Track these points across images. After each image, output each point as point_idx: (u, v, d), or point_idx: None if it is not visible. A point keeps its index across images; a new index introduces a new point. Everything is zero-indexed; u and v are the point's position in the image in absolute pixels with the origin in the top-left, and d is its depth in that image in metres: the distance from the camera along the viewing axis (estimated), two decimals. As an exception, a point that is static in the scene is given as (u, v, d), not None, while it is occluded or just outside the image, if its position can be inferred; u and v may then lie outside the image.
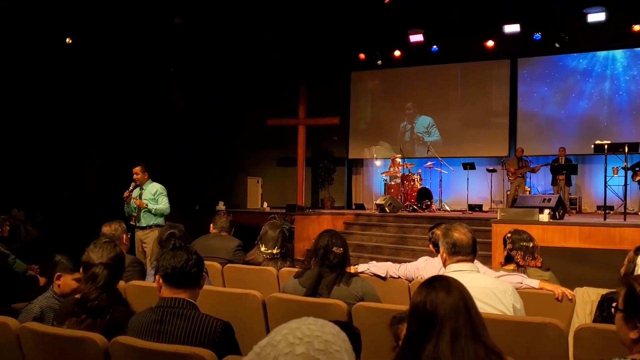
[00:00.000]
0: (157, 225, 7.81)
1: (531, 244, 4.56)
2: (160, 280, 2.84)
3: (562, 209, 9.67)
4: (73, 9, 11.46)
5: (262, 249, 5.04)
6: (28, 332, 3.00)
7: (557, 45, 13.50)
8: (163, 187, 8.10)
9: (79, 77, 13.07)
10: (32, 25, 11.36)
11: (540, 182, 14.48)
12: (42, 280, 5.40)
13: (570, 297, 3.89)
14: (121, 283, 3.88)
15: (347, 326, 2.23)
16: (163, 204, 7.99)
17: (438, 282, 2.05)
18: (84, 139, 13.53)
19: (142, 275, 4.73)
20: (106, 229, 4.88)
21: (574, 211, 13.05)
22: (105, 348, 2.72)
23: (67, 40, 12.17)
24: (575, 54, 14.41)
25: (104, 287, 3.05)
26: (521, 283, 3.97)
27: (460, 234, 3.33)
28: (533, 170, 13.67)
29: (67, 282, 3.66)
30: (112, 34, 12.26)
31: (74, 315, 2.97)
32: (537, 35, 13.35)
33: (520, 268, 4.49)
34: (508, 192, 13.84)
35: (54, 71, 12.51)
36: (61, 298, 3.58)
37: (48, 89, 12.56)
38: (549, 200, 9.53)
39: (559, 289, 3.94)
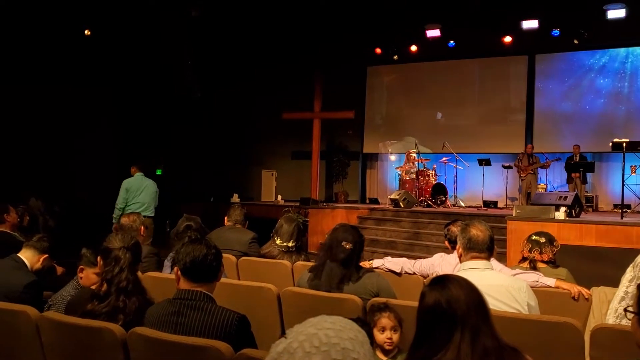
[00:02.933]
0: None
1: (542, 240, 4.55)
2: (179, 272, 2.85)
3: (578, 207, 9.61)
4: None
5: (278, 242, 5.06)
6: (47, 321, 3.03)
7: (575, 41, 13.33)
8: (123, 183, 8.75)
9: (96, 70, 13.16)
10: (51, 18, 11.45)
11: (556, 179, 14.36)
12: (59, 270, 5.44)
13: (586, 297, 3.85)
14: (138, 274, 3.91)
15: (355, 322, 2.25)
16: None
17: (448, 281, 2.01)
18: (102, 133, 13.64)
19: (159, 267, 4.77)
20: (125, 220, 4.95)
21: (590, 209, 12.93)
22: (122, 338, 2.75)
23: (86, 32, 12.26)
24: (594, 51, 14.25)
25: (129, 269, 3.07)
26: (537, 281, 3.94)
27: (478, 231, 3.31)
28: (544, 166, 13.55)
29: (88, 275, 3.69)
30: (129, 27, 12.32)
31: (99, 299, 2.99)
32: (556, 32, 13.18)
33: (531, 263, 4.49)
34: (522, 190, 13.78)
35: (69, 61, 12.59)
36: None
37: (65, 81, 12.65)
38: (566, 197, 9.46)
39: (575, 288, 3.90)
